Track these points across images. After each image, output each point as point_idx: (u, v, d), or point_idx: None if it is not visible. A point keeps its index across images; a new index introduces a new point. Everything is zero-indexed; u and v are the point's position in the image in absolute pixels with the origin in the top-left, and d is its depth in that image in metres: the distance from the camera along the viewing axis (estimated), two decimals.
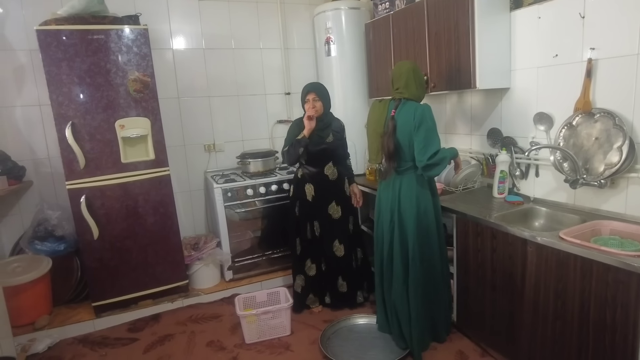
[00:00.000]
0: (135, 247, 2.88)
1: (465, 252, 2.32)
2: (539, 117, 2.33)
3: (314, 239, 2.81)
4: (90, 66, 2.64)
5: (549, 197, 2.36)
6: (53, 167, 3.13)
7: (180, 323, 2.84)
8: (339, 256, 2.81)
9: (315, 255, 2.83)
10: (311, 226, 2.80)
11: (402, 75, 2.27)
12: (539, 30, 2.29)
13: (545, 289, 1.85)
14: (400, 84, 2.27)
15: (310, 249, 2.82)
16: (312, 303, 2.88)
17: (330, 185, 2.78)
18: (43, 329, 2.72)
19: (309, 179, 2.78)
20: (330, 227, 2.79)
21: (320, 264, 2.84)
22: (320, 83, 2.83)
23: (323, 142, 2.72)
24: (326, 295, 2.89)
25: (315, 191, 2.77)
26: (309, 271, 2.84)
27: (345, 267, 2.84)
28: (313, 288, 2.87)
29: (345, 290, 2.85)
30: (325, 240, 2.80)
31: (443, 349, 2.38)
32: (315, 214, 2.79)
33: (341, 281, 2.85)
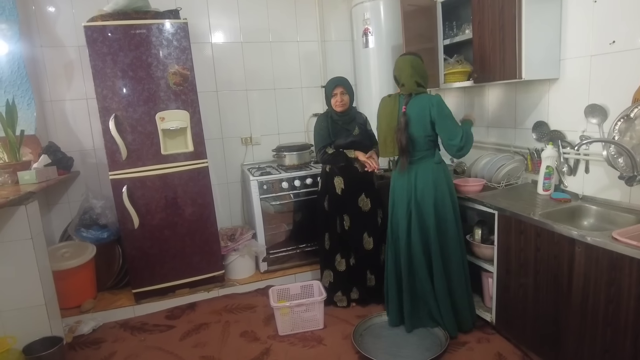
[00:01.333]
0: (174, 237, 2.96)
1: (506, 251, 2.21)
2: (591, 109, 2.18)
3: (343, 233, 2.78)
4: (133, 60, 2.71)
5: (600, 194, 2.21)
6: (98, 158, 3.26)
7: (215, 312, 2.89)
8: (367, 249, 2.78)
9: (345, 250, 2.80)
10: (341, 220, 2.77)
11: (403, 70, 2.36)
12: (594, 15, 2.13)
13: (594, 292, 1.73)
14: (404, 80, 2.35)
15: (340, 243, 2.80)
16: (340, 301, 2.83)
17: (359, 178, 2.74)
18: (88, 312, 2.85)
19: (338, 172, 2.75)
20: (360, 219, 2.76)
21: (349, 259, 2.81)
22: (346, 78, 2.78)
23: (350, 136, 2.72)
24: (352, 291, 2.85)
25: (345, 184, 2.74)
26: (338, 266, 2.81)
27: (373, 261, 2.81)
28: (342, 284, 2.83)
29: (373, 284, 2.82)
30: (355, 234, 2.77)
31: (480, 349, 2.29)
32: (345, 207, 2.76)
33: (369, 275, 2.82)
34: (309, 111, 3.81)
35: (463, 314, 2.41)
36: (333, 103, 2.70)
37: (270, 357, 2.36)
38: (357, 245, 2.79)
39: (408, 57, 2.39)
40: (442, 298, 2.36)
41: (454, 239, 2.35)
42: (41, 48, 3.06)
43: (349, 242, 2.79)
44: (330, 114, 2.76)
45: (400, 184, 2.41)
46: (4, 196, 2.13)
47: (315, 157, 2.84)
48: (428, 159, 2.34)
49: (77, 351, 2.55)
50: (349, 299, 2.84)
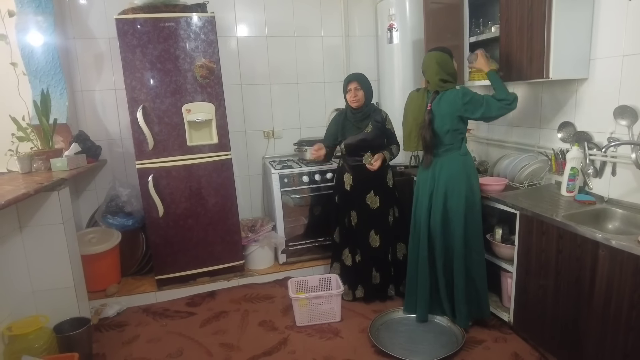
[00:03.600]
0: (197, 226, 3.03)
1: (527, 251, 2.20)
2: (621, 110, 2.13)
3: (350, 228, 2.81)
4: (161, 52, 2.78)
5: (626, 198, 2.17)
6: (124, 147, 3.36)
7: (234, 301, 2.96)
8: (373, 247, 2.78)
9: (352, 246, 2.84)
10: (348, 216, 2.80)
11: (428, 67, 2.38)
12: (628, 14, 2.08)
13: (618, 297, 1.71)
14: (429, 77, 2.38)
15: (348, 238, 2.84)
16: (346, 295, 2.84)
17: (370, 175, 2.73)
18: (113, 296, 2.95)
19: (348, 169, 2.78)
20: (368, 217, 2.76)
21: (355, 256, 2.83)
22: (362, 74, 2.78)
23: (361, 133, 2.73)
24: (357, 289, 2.86)
25: (354, 181, 2.76)
26: (345, 260, 2.85)
27: (379, 259, 2.80)
28: (348, 279, 2.86)
29: (377, 282, 2.83)
30: (361, 231, 2.78)
31: (497, 349, 2.29)
32: (353, 204, 2.78)
33: (374, 272, 2.82)
34: (331, 106, 3.83)
35: (481, 306, 2.43)
36: (347, 98, 2.72)
37: (287, 347, 2.41)
38: (363, 242, 2.79)
39: (434, 53, 2.39)
40: (461, 290, 2.38)
41: (478, 229, 2.38)
42: (74, 40, 3.16)
43: (356, 238, 2.81)
44: (346, 110, 2.79)
45: (423, 178, 2.46)
46: (39, 182, 2.22)
47: None
48: (454, 151, 2.37)
49: (102, 332, 2.65)
50: (354, 295, 2.87)
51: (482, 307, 2.44)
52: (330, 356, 2.30)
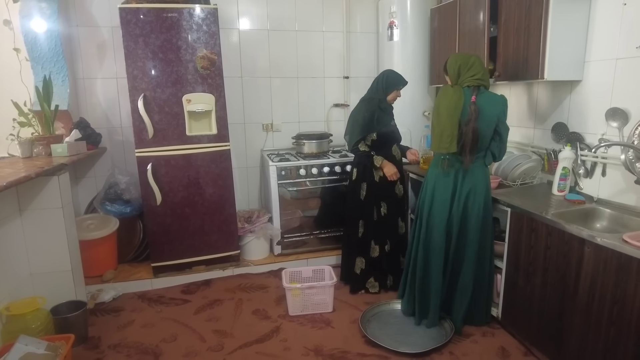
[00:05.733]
0: (194, 215, 3.07)
1: (517, 248, 2.25)
2: (613, 112, 2.18)
3: (379, 219, 2.85)
4: (163, 42, 2.81)
5: (615, 198, 2.22)
6: (124, 135, 3.39)
7: (229, 290, 3.01)
8: (401, 234, 2.93)
9: (380, 237, 2.87)
10: (378, 207, 2.84)
11: (475, 62, 2.27)
12: (623, 17, 2.12)
13: (601, 292, 1.76)
14: (476, 69, 2.25)
15: (375, 230, 2.86)
16: (372, 287, 2.90)
17: (398, 165, 2.85)
18: (109, 282, 3.00)
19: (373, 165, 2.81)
20: (395, 206, 2.89)
21: (383, 246, 2.88)
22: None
23: (389, 125, 2.84)
24: (388, 279, 2.93)
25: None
26: (372, 253, 2.87)
27: (404, 245, 2.91)
28: (375, 271, 2.90)
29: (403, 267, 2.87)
30: (391, 220, 2.87)
31: (485, 343, 2.35)
32: (383, 195, 2.84)
33: (402, 258, 2.93)
34: (330, 101, 3.86)
35: (483, 310, 2.46)
36: (393, 96, 2.78)
37: (279, 335, 2.46)
38: (392, 231, 2.90)
39: (470, 54, 2.38)
40: (466, 295, 2.39)
41: (489, 240, 2.38)
42: (77, 27, 3.19)
43: (385, 228, 2.87)
44: (379, 101, 2.77)
45: (444, 184, 2.34)
46: (39, 166, 2.26)
47: (349, 146, 2.89)
48: (481, 160, 2.31)
49: (97, 317, 2.69)
50: (380, 285, 2.92)
51: (481, 313, 2.45)
52: (321, 345, 2.35)
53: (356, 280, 2.91)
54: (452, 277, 2.42)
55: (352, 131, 2.83)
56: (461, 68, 2.27)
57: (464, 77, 2.26)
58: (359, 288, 2.92)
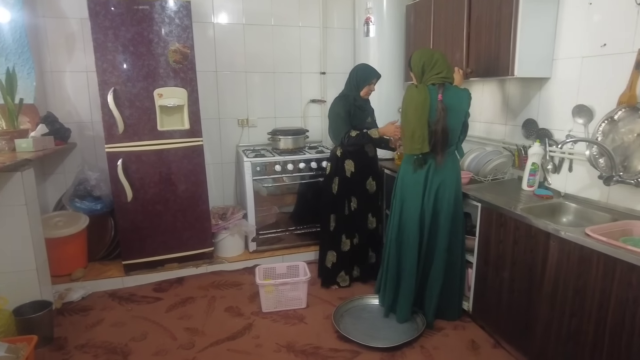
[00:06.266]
0: (166, 212, 3.02)
1: (486, 242, 2.28)
2: (579, 109, 2.23)
3: (350, 214, 2.86)
4: (134, 35, 2.74)
5: (580, 193, 2.27)
6: (95, 130, 3.30)
7: (202, 287, 2.97)
8: (371, 229, 2.93)
9: (350, 231, 2.89)
10: (349, 202, 2.86)
11: (439, 59, 2.28)
12: (588, 17, 2.17)
13: (564, 285, 1.80)
14: (442, 68, 2.27)
15: (346, 224, 2.88)
16: (343, 281, 2.93)
17: (369, 161, 2.87)
18: (78, 281, 2.92)
19: (349, 156, 2.82)
20: (367, 201, 2.89)
21: (353, 239, 2.90)
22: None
23: (364, 123, 2.83)
24: (354, 270, 2.96)
25: (355, 167, 2.82)
26: (343, 247, 2.89)
27: (375, 240, 2.96)
28: (345, 264, 2.92)
29: (374, 261, 2.97)
30: (361, 214, 2.88)
31: (455, 336, 2.38)
32: (354, 190, 2.85)
33: (371, 252, 2.98)
34: (307, 97, 3.85)
35: (456, 305, 2.49)
36: (366, 91, 2.78)
37: (252, 332, 2.44)
38: (362, 225, 2.91)
39: (436, 50, 2.38)
40: (436, 289, 2.40)
41: (460, 235, 2.41)
42: (43, 18, 3.08)
43: (355, 223, 2.89)
44: (353, 98, 2.77)
45: (415, 179, 2.35)
46: (1, 162, 2.18)
47: (338, 141, 2.82)
48: (452, 155, 2.34)
49: (65, 317, 2.62)
50: (351, 278, 2.95)
51: (452, 308, 2.48)
52: (294, 341, 2.34)
53: (327, 274, 2.93)
54: (423, 271, 2.44)
55: (336, 126, 2.79)
56: (425, 66, 2.28)
57: (428, 75, 2.28)
58: (330, 282, 2.93)
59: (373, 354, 2.22)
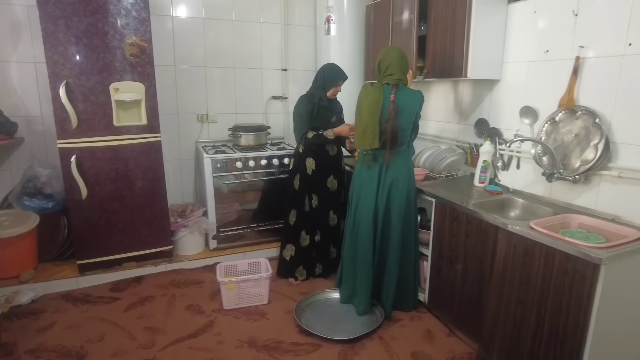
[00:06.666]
0: (123, 210, 2.93)
1: (440, 236, 2.39)
2: (525, 110, 2.38)
3: (311, 211, 2.92)
4: (88, 27, 2.64)
5: (527, 189, 2.43)
6: (46, 125, 3.15)
7: (161, 286, 2.92)
8: (332, 225, 3.00)
9: (311, 227, 2.95)
10: (309, 199, 2.91)
11: (393, 61, 2.36)
12: (533, 24, 2.32)
13: (511, 275, 1.93)
14: (394, 68, 2.35)
15: (306, 220, 2.93)
16: (300, 275, 2.98)
17: (330, 160, 2.91)
18: (27, 283, 2.79)
19: (311, 154, 2.86)
20: (328, 198, 2.94)
21: (314, 236, 2.96)
22: (339, 66, 2.89)
23: (329, 123, 2.86)
24: (317, 267, 3.03)
25: (316, 165, 2.87)
26: (302, 242, 2.95)
27: (336, 236, 3.02)
28: (304, 259, 2.97)
29: (334, 257, 3.04)
30: (322, 212, 2.94)
31: (412, 326, 2.48)
32: (314, 187, 2.91)
33: (332, 248, 3.04)
34: (268, 93, 3.84)
35: (406, 297, 2.58)
36: (332, 92, 2.82)
37: (213, 329, 2.44)
38: (323, 222, 2.96)
39: (397, 49, 2.42)
40: (392, 282, 2.50)
41: (413, 227, 2.50)
42: None
43: (316, 219, 2.94)
44: (319, 98, 2.81)
45: (368, 175, 2.44)
46: None
47: (297, 139, 2.92)
48: (402, 153, 2.41)
49: (13, 321, 2.50)
50: (309, 273, 3.00)
51: (408, 299, 2.59)
52: (255, 337, 2.36)
53: (285, 266, 2.99)
54: (380, 265, 2.53)
55: (298, 126, 2.87)
56: (381, 66, 2.39)
57: (382, 74, 2.38)
58: (286, 274, 2.99)
59: (334, 346, 2.28)
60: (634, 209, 1.90)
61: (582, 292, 1.61)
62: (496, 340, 2.03)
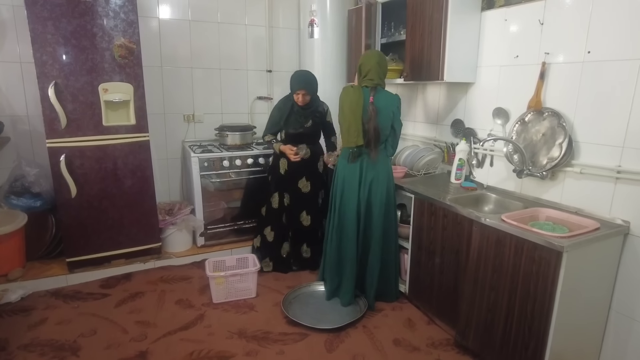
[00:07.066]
0: (112, 208, 2.99)
1: (420, 230, 2.54)
2: (498, 111, 2.55)
3: (281, 208, 3.05)
4: (77, 28, 2.68)
5: (499, 185, 2.60)
6: (32, 125, 3.17)
7: (151, 282, 2.98)
8: (305, 225, 3.09)
9: (277, 225, 3.09)
10: (281, 197, 3.04)
11: (373, 65, 2.51)
12: (504, 31, 2.48)
13: (484, 264, 2.08)
14: (373, 74, 2.51)
15: (272, 217, 3.08)
16: (266, 267, 3.16)
17: (303, 162, 2.98)
18: (16, 281, 2.81)
19: (283, 155, 2.96)
20: (299, 199, 3.04)
21: (280, 233, 3.11)
22: (309, 74, 2.95)
23: (301, 127, 2.95)
24: (293, 265, 3.17)
25: (288, 166, 2.99)
26: (268, 237, 3.12)
27: (310, 236, 3.12)
28: (269, 253, 3.15)
29: (308, 256, 3.15)
30: (293, 212, 3.05)
31: (394, 316, 2.62)
32: (286, 187, 3.03)
33: (305, 247, 3.15)
34: (254, 94, 3.93)
35: (392, 288, 2.73)
36: (295, 99, 2.89)
37: (204, 322, 2.53)
38: (294, 221, 3.07)
39: (377, 51, 2.59)
40: (374, 274, 2.64)
41: (393, 222, 2.64)
42: None
43: (288, 218, 3.07)
44: (293, 106, 2.93)
45: (350, 173, 2.58)
46: None
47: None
48: (382, 152, 2.57)
49: (3, 318, 2.53)
50: (276, 267, 3.16)
51: (390, 290, 2.73)
52: (245, 328, 2.46)
53: (255, 254, 3.08)
54: (363, 258, 2.66)
55: (267, 124, 3.06)
56: (361, 68, 2.55)
57: (362, 77, 2.54)
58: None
59: (320, 335, 2.40)
60: (594, 202, 2.08)
61: (547, 277, 1.77)
62: (472, 326, 2.19)
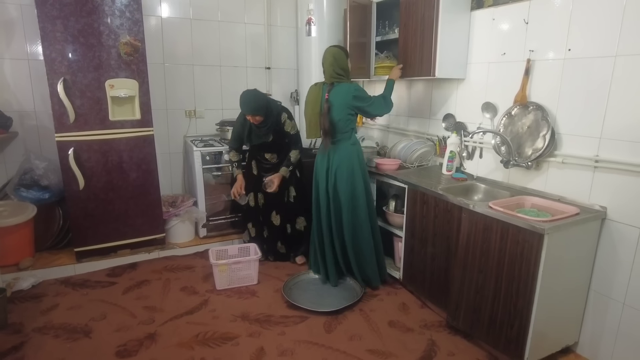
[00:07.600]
0: (118, 200, 3.11)
1: (413, 219, 2.68)
2: (486, 106, 2.68)
3: (256, 207, 3.23)
4: (84, 26, 2.80)
5: (488, 176, 2.74)
6: (39, 120, 3.28)
7: (156, 271, 3.11)
8: (275, 225, 3.25)
9: (255, 221, 3.28)
10: (255, 196, 3.22)
11: (326, 60, 2.73)
12: (492, 30, 2.62)
13: (473, 248, 2.22)
14: (326, 69, 2.73)
15: (252, 214, 3.27)
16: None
17: (270, 167, 3.16)
18: (27, 270, 2.93)
19: (253, 158, 3.18)
20: (269, 199, 3.19)
21: (259, 229, 3.28)
22: (251, 98, 2.85)
23: (267, 141, 3.04)
24: (269, 256, 3.33)
25: (257, 169, 3.19)
26: (251, 232, 3.31)
27: (282, 234, 3.27)
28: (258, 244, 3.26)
29: (284, 252, 3.31)
30: (265, 211, 3.23)
31: (389, 300, 2.76)
32: (258, 187, 3.19)
33: (280, 244, 3.29)
34: None
35: (370, 273, 2.85)
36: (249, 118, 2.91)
37: (208, 306, 2.65)
38: (267, 220, 3.25)
39: (332, 48, 2.73)
40: (352, 257, 2.80)
41: (363, 207, 2.77)
42: None
43: (262, 216, 3.25)
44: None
45: (321, 162, 2.80)
46: None
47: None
48: (345, 141, 2.73)
49: (16, 304, 2.65)
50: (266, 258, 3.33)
51: (370, 275, 2.85)
52: (247, 312, 2.59)
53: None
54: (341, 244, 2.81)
55: (230, 136, 3.21)
56: (323, 64, 2.74)
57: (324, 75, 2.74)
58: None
59: (319, 317, 2.53)
60: (575, 190, 2.22)
61: (530, 258, 1.91)
62: (461, 307, 2.33)
